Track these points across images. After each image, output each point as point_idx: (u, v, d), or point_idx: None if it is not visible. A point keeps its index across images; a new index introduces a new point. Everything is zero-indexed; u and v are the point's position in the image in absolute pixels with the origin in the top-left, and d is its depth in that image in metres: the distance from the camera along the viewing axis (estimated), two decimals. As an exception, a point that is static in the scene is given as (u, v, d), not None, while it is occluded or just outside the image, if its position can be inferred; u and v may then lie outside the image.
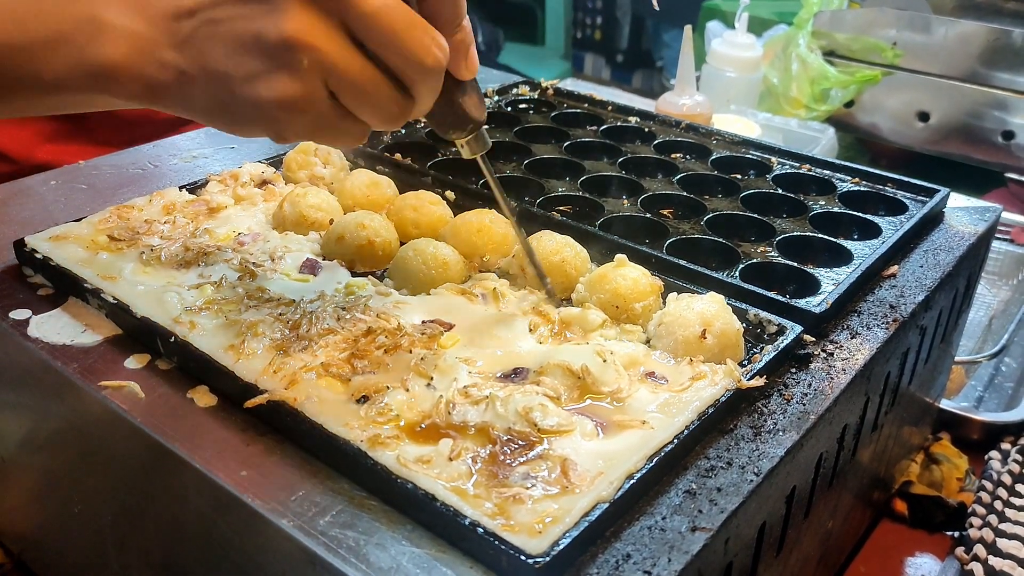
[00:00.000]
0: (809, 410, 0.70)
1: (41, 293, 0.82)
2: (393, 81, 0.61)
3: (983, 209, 1.06)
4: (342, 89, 0.60)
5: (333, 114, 0.62)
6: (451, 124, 0.70)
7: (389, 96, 0.61)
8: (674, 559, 0.56)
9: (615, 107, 1.28)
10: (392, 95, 0.61)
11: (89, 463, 0.77)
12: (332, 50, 0.59)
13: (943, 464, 1.12)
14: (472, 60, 0.67)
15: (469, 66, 0.67)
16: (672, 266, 0.85)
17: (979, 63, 2.03)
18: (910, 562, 1.03)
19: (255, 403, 0.66)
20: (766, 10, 2.60)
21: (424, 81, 0.62)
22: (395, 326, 0.74)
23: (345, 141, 0.66)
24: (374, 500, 0.60)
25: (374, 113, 0.62)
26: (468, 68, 0.67)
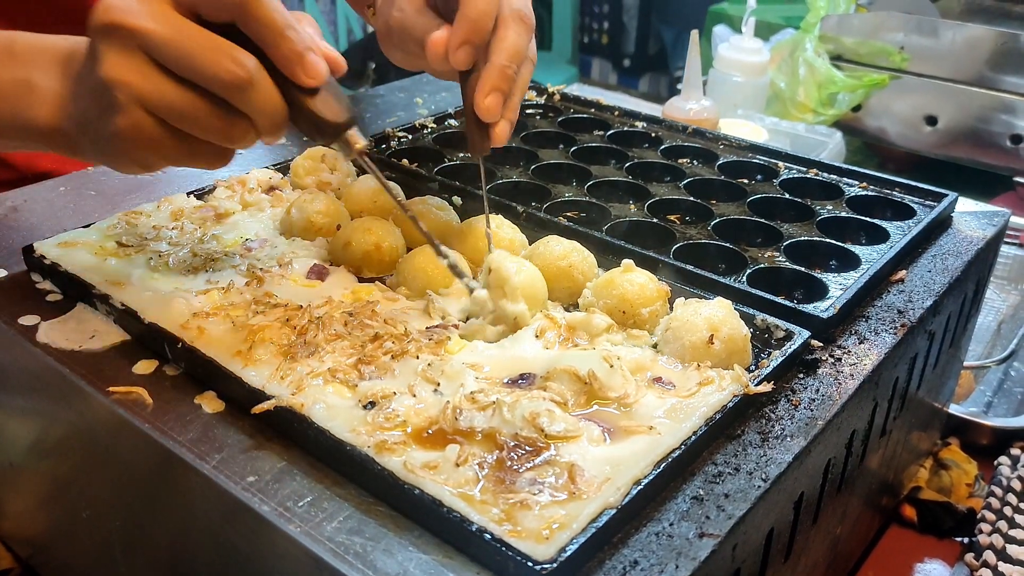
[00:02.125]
0: (817, 416, 0.70)
1: (50, 299, 0.82)
2: (213, 100, 0.66)
3: (991, 213, 1.06)
4: (163, 113, 0.66)
5: (172, 139, 0.67)
6: (311, 131, 0.71)
7: (211, 113, 0.66)
8: (682, 565, 0.56)
9: (622, 112, 1.28)
10: (214, 112, 0.66)
11: (97, 469, 0.77)
12: (140, 81, 0.64)
13: (952, 470, 1.11)
14: (310, 66, 0.67)
15: (308, 72, 0.68)
16: (679, 271, 0.85)
17: (987, 67, 2.03)
18: (919, 568, 1.02)
19: (262, 409, 0.66)
20: (773, 14, 2.59)
21: (237, 96, 0.65)
22: (402, 332, 0.74)
23: (206, 162, 0.71)
24: (381, 506, 0.60)
25: (204, 130, 0.67)
26: (307, 74, 0.68)
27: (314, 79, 0.68)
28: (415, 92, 1.37)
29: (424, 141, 1.16)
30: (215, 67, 0.64)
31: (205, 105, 0.66)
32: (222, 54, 0.64)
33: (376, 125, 1.24)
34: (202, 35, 0.64)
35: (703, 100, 1.65)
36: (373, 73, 3.74)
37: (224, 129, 0.67)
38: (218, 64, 0.64)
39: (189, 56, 0.64)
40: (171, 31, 0.64)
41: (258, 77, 0.65)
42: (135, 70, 0.64)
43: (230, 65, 0.64)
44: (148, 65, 0.64)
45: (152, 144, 0.67)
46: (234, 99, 0.66)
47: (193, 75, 0.64)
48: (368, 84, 3.69)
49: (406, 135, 1.17)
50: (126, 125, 0.66)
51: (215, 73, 0.64)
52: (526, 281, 0.78)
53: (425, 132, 1.19)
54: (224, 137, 0.68)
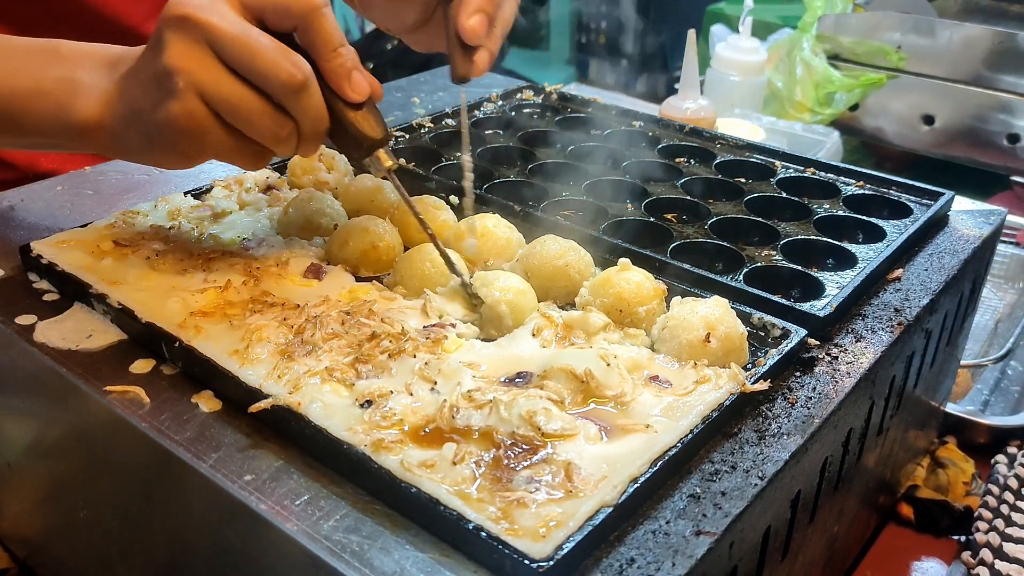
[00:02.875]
0: (814, 414, 0.70)
1: (47, 299, 0.82)
2: (266, 100, 0.71)
3: (988, 212, 1.06)
4: (218, 105, 0.70)
5: (221, 132, 0.72)
6: (348, 144, 0.76)
7: (263, 111, 0.71)
8: (678, 563, 0.56)
9: (619, 111, 1.28)
10: (266, 110, 0.71)
11: (94, 468, 0.77)
12: (200, 71, 0.69)
13: (949, 468, 1.11)
14: (356, 83, 0.74)
15: (354, 87, 0.74)
16: (676, 270, 0.85)
17: (984, 66, 2.03)
18: (916, 566, 1.03)
19: (259, 408, 0.66)
20: (770, 14, 2.60)
21: (290, 97, 0.71)
22: (399, 331, 0.74)
23: (244, 161, 0.75)
24: (378, 504, 0.60)
25: (253, 127, 0.72)
26: (353, 90, 0.74)
27: (359, 95, 0.74)
28: (412, 92, 1.37)
29: (421, 141, 1.16)
30: (275, 67, 0.69)
31: (258, 103, 0.70)
32: (282, 56, 0.69)
33: (373, 125, 1.24)
34: (265, 38, 0.70)
35: (700, 99, 1.65)
36: (371, 73, 3.74)
37: (271, 129, 0.72)
38: (277, 65, 0.69)
39: (251, 54, 0.69)
40: (238, 30, 0.69)
41: (311, 83, 0.71)
42: (198, 60, 0.69)
43: (289, 67, 0.69)
44: (211, 58, 0.69)
45: (201, 134, 0.71)
46: (286, 100, 0.71)
47: (252, 73, 0.69)
48: (366, 84, 3.69)
49: (403, 135, 1.17)
50: (181, 111, 0.70)
51: (275, 73, 0.69)
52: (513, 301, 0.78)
53: (422, 132, 1.19)
54: (270, 136, 0.72)
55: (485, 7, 0.80)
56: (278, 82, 0.70)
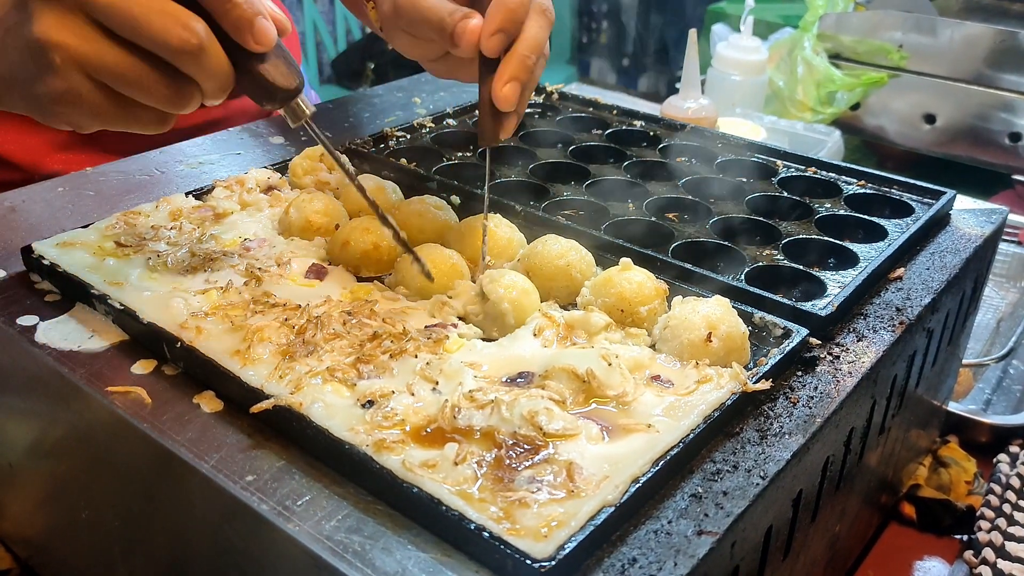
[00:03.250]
0: (815, 413, 0.70)
1: (48, 299, 0.82)
2: (158, 64, 0.64)
3: (990, 211, 1.06)
4: (105, 77, 0.64)
5: (110, 102, 0.65)
6: (260, 95, 0.70)
7: (156, 79, 0.64)
8: (680, 563, 0.56)
9: (620, 111, 1.28)
10: (159, 77, 0.64)
11: (96, 469, 0.77)
12: (79, 44, 0.62)
13: (951, 467, 1.11)
14: (260, 31, 0.66)
15: (257, 37, 0.66)
16: (677, 269, 0.85)
17: (985, 65, 2.03)
18: (918, 566, 1.03)
19: (261, 408, 0.66)
20: (771, 13, 2.60)
21: (185, 61, 0.64)
22: (400, 331, 0.74)
23: (142, 125, 0.69)
24: (380, 504, 0.60)
25: (148, 95, 0.65)
26: (256, 39, 0.66)
27: (264, 45, 0.67)
28: (413, 92, 1.38)
29: (422, 141, 1.16)
30: (164, 33, 0.62)
31: (149, 70, 0.64)
32: (171, 19, 0.62)
33: (374, 125, 1.24)
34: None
35: (701, 99, 1.65)
36: (372, 73, 3.74)
37: (169, 95, 0.66)
38: (167, 30, 0.62)
39: (135, 20, 0.62)
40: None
41: (208, 42, 0.64)
42: (75, 32, 0.62)
43: (180, 31, 0.62)
44: (89, 27, 0.62)
45: (90, 108, 0.66)
46: (183, 65, 0.64)
47: (140, 39, 0.62)
48: (367, 84, 3.70)
49: (404, 135, 1.17)
50: (63, 88, 0.64)
51: (164, 39, 0.62)
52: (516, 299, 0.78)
53: (423, 132, 1.19)
54: (168, 102, 0.66)
55: (520, 75, 0.78)
56: (170, 48, 0.63)
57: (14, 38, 0.65)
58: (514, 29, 0.78)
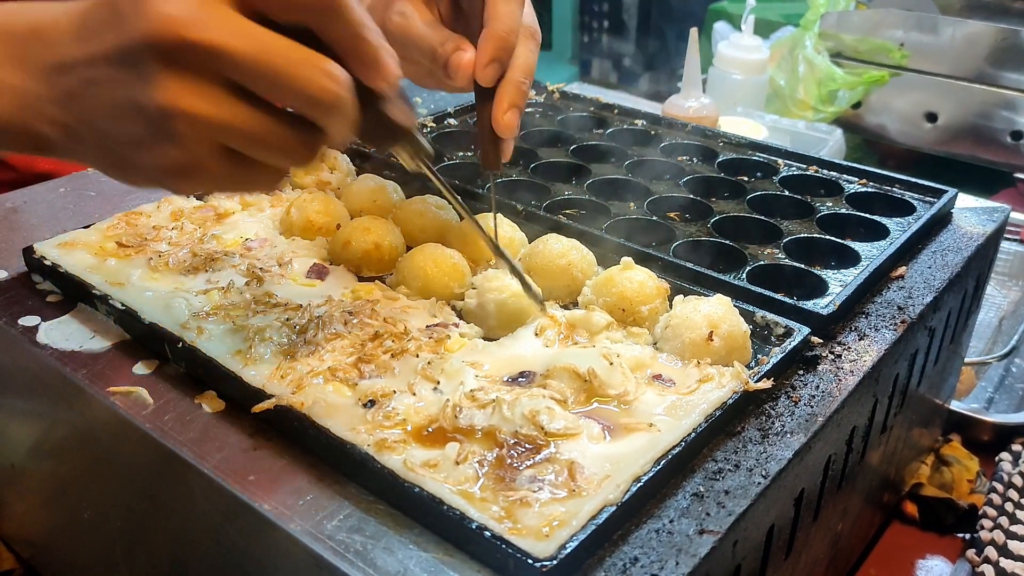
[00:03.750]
0: (817, 412, 0.70)
1: (50, 300, 0.82)
2: (295, 119, 0.57)
3: (991, 210, 1.06)
4: (238, 144, 0.57)
5: (233, 167, 0.58)
6: (380, 136, 0.66)
7: (291, 137, 0.57)
8: (682, 562, 0.56)
9: (621, 110, 1.28)
10: (294, 135, 0.57)
11: (98, 469, 0.78)
12: (212, 112, 0.54)
13: (953, 466, 1.11)
14: (385, 70, 0.60)
15: (386, 75, 0.60)
16: (679, 268, 0.85)
17: (987, 63, 2.03)
18: (921, 564, 1.02)
19: (263, 408, 0.66)
20: (773, 12, 2.59)
21: (325, 113, 0.57)
22: (402, 330, 0.74)
23: (258, 187, 0.63)
24: (381, 504, 0.60)
25: (281, 157, 0.59)
26: (382, 78, 0.60)
27: (392, 83, 0.61)
28: (414, 92, 1.37)
29: (423, 140, 1.16)
30: (310, 86, 0.55)
31: (282, 128, 0.57)
32: (316, 70, 0.55)
33: (376, 124, 1.24)
34: (288, 47, 0.54)
35: (703, 98, 1.65)
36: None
37: (298, 151, 0.59)
38: (313, 82, 0.55)
39: (279, 75, 0.54)
40: (255, 47, 0.53)
41: (350, 89, 0.57)
42: (206, 97, 0.54)
43: (327, 83, 0.55)
44: (222, 90, 0.54)
45: (209, 176, 0.58)
46: (320, 116, 0.57)
47: (283, 95, 0.56)
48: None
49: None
50: (181, 160, 0.56)
51: (310, 93, 0.55)
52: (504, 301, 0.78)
53: (424, 131, 1.19)
54: (296, 159, 0.60)
55: (517, 102, 0.78)
56: (314, 102, 0.56)
57: (114, 96, 0.56)
58: (507, 57, 0.78)
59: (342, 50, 0.57)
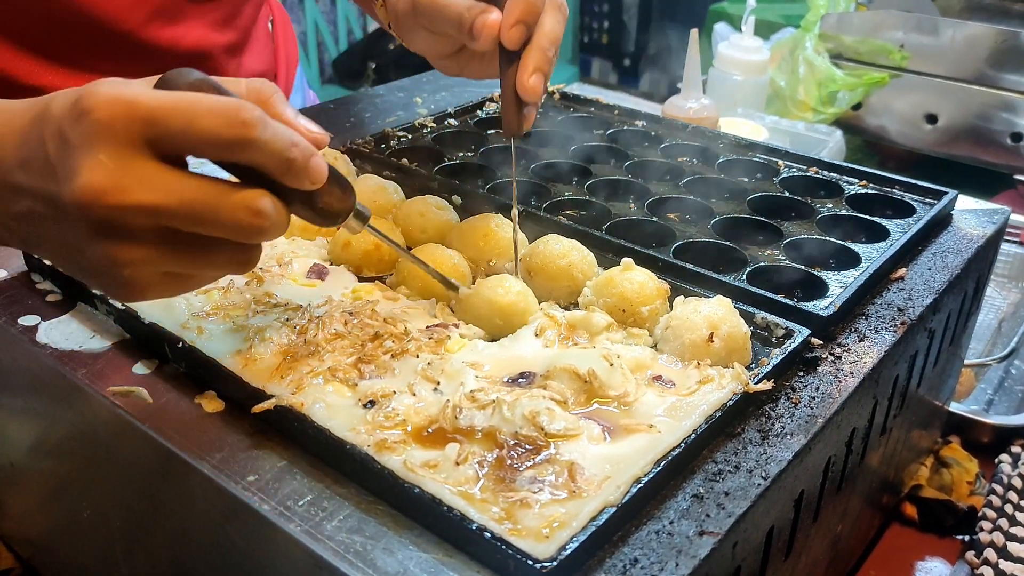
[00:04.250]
0: (817, 414, 0.70)
1: (50, 299, 0.82)
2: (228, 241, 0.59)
3: (992, 211, 1.06)
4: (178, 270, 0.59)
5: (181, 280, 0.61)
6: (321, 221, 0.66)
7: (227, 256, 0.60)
8: (682, 563, 0.56)
9: (622, 111, 1.28)
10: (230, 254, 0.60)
11: (97, 469, 0.78)
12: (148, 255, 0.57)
13: (953, 468, 1.11)
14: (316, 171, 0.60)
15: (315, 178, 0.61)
16: (679, 269, 0.85)
17: (987, 65, 2.03)
18: (920, 566, 1.02)
19: (262, 408, 0.66)
20: (773, 13, 2.60)
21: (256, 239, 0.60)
22: (402, 331, 0.74)
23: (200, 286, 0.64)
24: (381, 505, 0.60)
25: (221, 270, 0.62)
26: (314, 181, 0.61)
27: (320, 182, 0.61)
28: (414, 92, 1.37)
29: (423, 140, 1.16)
30: (235, 224, 0.57)
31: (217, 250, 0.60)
32: (240, 209, 0.57)
33: (375, 125, 1.24)
34: (211, 190, 0.57)
35: (703, 99, 1.65)
36: (373, 73, 3.74)
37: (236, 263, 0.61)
38: (237, 220, 0.57)
39: (204, 219, 0.57)
40: (178, 198, 0.55)
41: (276, 216, 0.59)
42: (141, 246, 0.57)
43: (252, 219, 0.57)
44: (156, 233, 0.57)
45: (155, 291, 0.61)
46: (252, 240, 0.60)
47: (214, 232, 0.58)
48: (368, 84, 3.70)
49: (405, 135, 1.17)
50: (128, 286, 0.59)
51: (236, 229, 0.58)
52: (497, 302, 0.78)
53: (424, 131, 1.19)
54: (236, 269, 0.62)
55: (543, 66, 0.79)
56: (240, 234, 0.58)
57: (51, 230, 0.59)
58: (533, 21, 0.79)
59: (267, 171, 0.59)
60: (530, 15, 0.79)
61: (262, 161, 0.58)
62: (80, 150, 0.54)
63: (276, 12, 1.42)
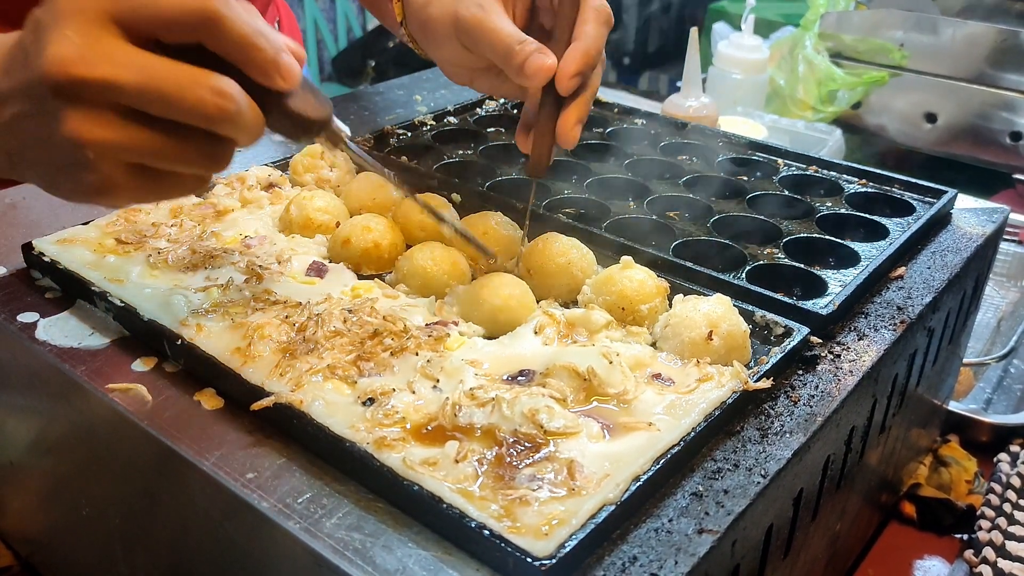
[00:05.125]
0: (816, 412, 0.70)
1: (49, 296, 0.82)
2: (194, 133, 0.60)
3: (991, 210, 1.06)
4: (144, 161, 0.61)
5: (148, 181, 0.62)
6: (294, 131, 0.67)
7: (193, 148, 0.61)
8: (681, 561, 0.56)
9: (621, 109, 1.28)
10: (196, 146, 0.61)
11: (97, 466, 0.77)
12: (116, 137, 0.58)
13: (952, 466, 1.11)
14: (286, 69, 0.62)
15: (284, 75, 0.62)
16: (678, 268, 0.85)
17: (986, 64, 2.03)
18: (919, 565, 1.03)
19: (262, 405, 0.66)
20: (772, 12, 2.60)
21: (223, 127, 0.60)
22: (401, 328, 0.74)
23: (181, 193, 0.67)
24: (380, 502, 0.60)
25: (191, 164, 0.62)
26: (284, 78, 0.62)
27: (291, 83, 0.63)
28: (414, 89, 1.37)
29: (423, 138, 1.16)
30: (199, 105, 0.58)
31: (186, 142, 0.61)
32: (204, 88, 0.58)
33: (375, 122, 1.24)
34: (176, 70, 0.58)
35: (703, 97, 1.65)
36: (372, 71, 3.74)
37: (207, 159, 0.63)
38: (202, 101, 0.58)
39: (169, 98, 0.58)
40: (142, 75, 0.57)
41: (243, 103, 0.60)
42: (106, 125, 0.58)
43: (216, 100, 0.58)
44: (120, 116, 0.58)
45: (128, 193, 0.62)
46: (220, 129, 0.61)
47: (176, 116, 0.59)
48: (367, 82, 3.70)
49: (405, 132, 1.17)
50: (98, 181, 0.61)
51: (202, 111, 0.59)
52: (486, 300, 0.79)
53: (424, 129, 1.19)
54: (207, 166, 0.64)
55: (584, 118, 0.81)
56: (208, 119, 0.59)
57: (33, 133, 0.61)
58: (590, 70, 0.80)
59: (234, 61, 0.60)
60: (588, 68, 0.80)
61: (227, 48, 0.60)
62: (49, 29, 0.57)
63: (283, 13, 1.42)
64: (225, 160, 0.64)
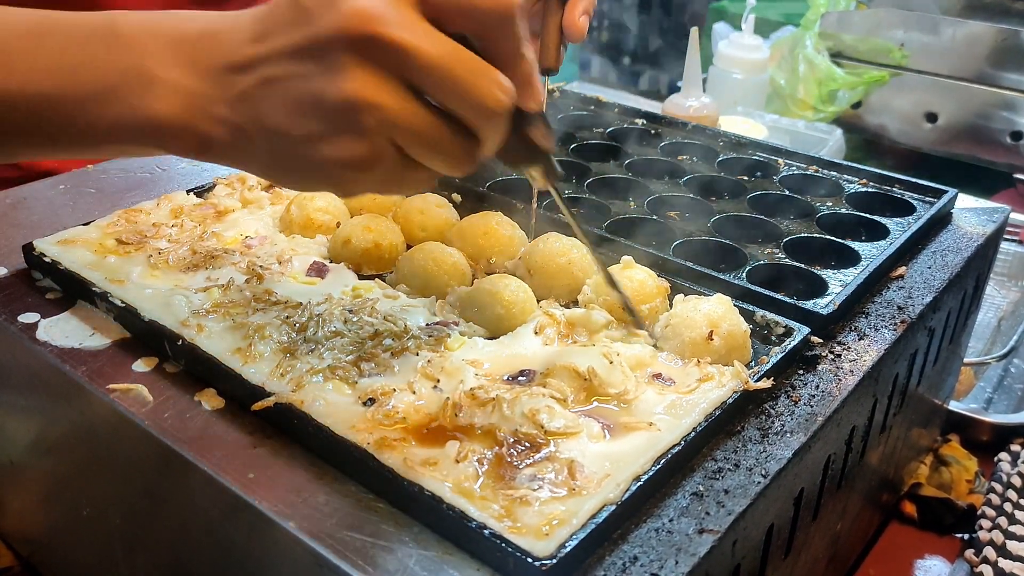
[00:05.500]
0: (817, 412, 0.70)
1: (49, 297, 0.82)
2: (458, 127, 0.58)
3: (991, 210, 1.06)
4: (409, 143, 0.58)
5: (400, 167, 0.59)
6: (521, 158, 0.65)
7: (455, 143, 0.59)
8: (681, 561, 0.56)
9: (622, 109, 1.28)
10: (459, 142, 0.59)
11: (97, 466, 0.77)
12: (396, 107, 0.56)
13: (952, 466, 1.11)
14: (536, 91, 0.61)
15: (534, 96, 0.61)
16: (679, 268, 0.85)
17: (987, 64, 2.03)
18: (919, 564, 1.03)
19: (262, 406, 0.66)
20: (773, 12, 2.59)
21: (490, 125, 0.58)
22: (402, 328, 0.74)
23: (413, 189, 0.65)
24: (381, 502, 0.60)
25: (443, 162, 0.60)
26: (533, 99, 0.61)
27: (537, 104, 0.62)
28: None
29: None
30: (484, 96, 0.56)
31: (452, 135, 0.58)
32: (492, 81, 0.56)
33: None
34: (467, 56, 0.56)
35: (703, 97, 1.65)
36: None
37: (460, 157, 0.60)
38: (487, 92, 0.56)
39: (455, 82, 0.56)
40: (440, 52, 0.55)
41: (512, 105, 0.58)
42: (391, 94, 0.55)
43: (496, 91, 0.57)
44: (403, 88, 0.56)
45: (380, 173, 0.59)
46: (484, 126, 0.58)
47: (457, 102, 0.57)
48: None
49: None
50: (362, 153, 0.57)
51: (483, 103, 0.57)
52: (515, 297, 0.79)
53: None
54: (456, 165, 0.60)
55: (589, 9, 0.82)
56: (485, 111, 0.57)
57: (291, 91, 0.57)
58: None
59: (501, 65, 0.58)
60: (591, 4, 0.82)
61: (505, 50, 0.58)
62: None
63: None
64: (472, 163, 0.61)
